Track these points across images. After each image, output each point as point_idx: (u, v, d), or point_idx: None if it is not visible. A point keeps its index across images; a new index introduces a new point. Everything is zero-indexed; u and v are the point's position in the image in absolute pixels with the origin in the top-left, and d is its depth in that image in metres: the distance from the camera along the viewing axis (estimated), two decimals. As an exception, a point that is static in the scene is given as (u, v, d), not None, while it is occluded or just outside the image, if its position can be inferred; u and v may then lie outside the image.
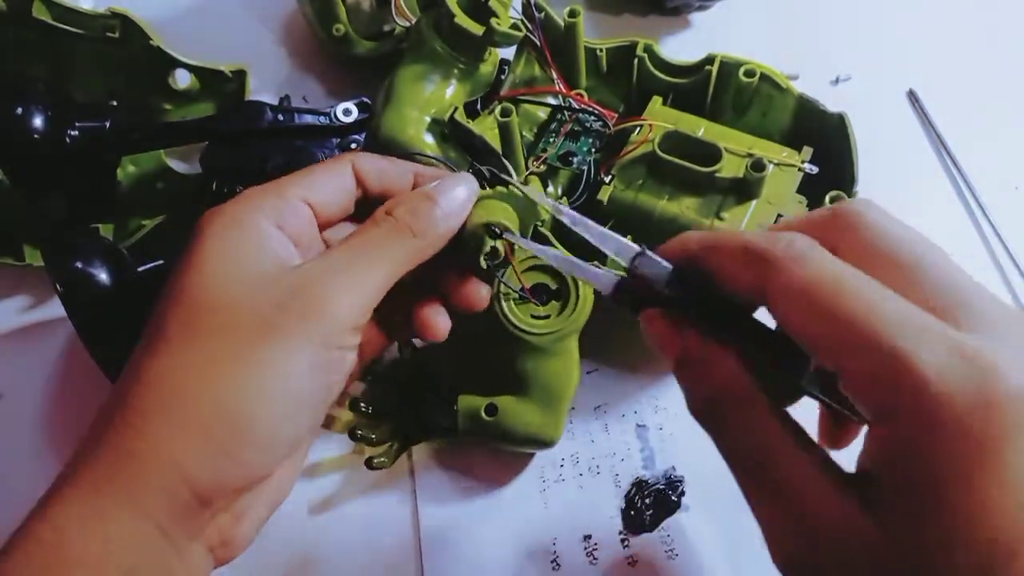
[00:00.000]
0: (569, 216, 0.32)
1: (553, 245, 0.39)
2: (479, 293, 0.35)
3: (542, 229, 0.39)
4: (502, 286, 0.39)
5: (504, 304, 0.40)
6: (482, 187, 0.38)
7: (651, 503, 0.42)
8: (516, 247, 0.35)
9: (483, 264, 0.34)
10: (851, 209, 0.26)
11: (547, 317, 0.40)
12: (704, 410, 0.26)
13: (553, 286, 0.40)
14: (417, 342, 0.44)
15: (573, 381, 0.41)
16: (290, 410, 0.28)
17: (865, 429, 0.23)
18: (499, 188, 0.35)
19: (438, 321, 0.35)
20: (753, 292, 0.25)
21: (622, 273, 0.30)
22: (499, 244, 0.34)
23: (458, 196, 0.33)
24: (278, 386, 0.27)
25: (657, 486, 0.42)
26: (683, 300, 0.27)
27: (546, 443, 0.40)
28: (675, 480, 0.42)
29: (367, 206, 0.33)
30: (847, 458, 0.25)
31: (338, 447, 0.44)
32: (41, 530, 0.25)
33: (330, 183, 0.33)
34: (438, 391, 0.42)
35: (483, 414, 0.40)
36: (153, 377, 0.27)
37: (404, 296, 0.33)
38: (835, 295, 0.22)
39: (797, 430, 0.25)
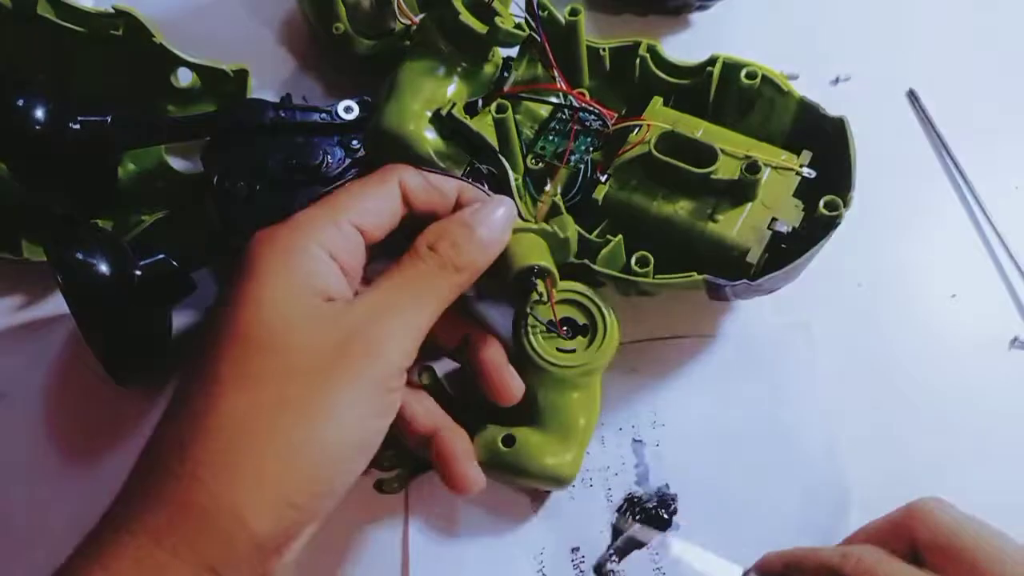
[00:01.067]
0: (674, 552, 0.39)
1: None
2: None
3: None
4: (530, 317, 0.39)
5: (531, 335, 0.39)
6: (481, 184, 0.38)
7: (642, 519, 0.42)
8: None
9: (528, 310, 0.35)
10: (925, 508, 0.33)
11: (573, 351, 0.39)
12: None
13: (581, 321, 0.40)
14: (436, 367, 0.42)
15: (593, 420, 0.40)
16: (352, 457, 0.27)
17: None
18: (541, 224, 0.36)
19: (513, 384, 0.36)
20: None
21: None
22: (541, 285, 0.35)
23: (497, 224, 0.33)
24: (341, 435, 0.27)
25: (649, 503, 0.42)
26: None
27: (561, 481, 0.39)
28: (668, 498, 0.42)
29: (412, 222, 0.34)
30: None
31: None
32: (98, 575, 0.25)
33: (379, 203, 0.33)
34: (457, 417, 0.41)
35: (500, 444, 0.39)
36: (213, 424, 0.26)
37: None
38: None
39: None
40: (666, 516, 0.42)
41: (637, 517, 0.42)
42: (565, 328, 0.40)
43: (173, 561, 0.25)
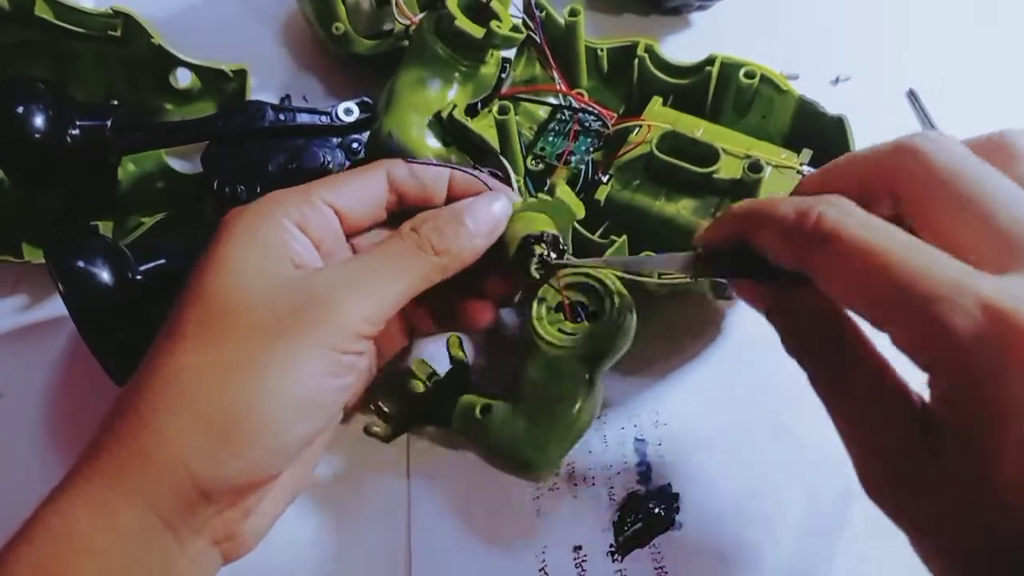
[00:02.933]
0: (620, 261, 0.36)
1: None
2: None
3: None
4: (540, 291, 0.39)
5: (534, 311, 0.38)
6: (481, 170, 0.38)
7: (644, 518, 0.41)
8: (561, 256, 0.35)
9: (535, 275, 0.35)
10: (912, 147, 0.27)
11: (572, 334, 0.38)
12: (795, 346, 0.28)
13: (592, 308, 0.39)
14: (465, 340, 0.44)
15: (583, 418, 0.37)
16: (298, 411, 0.28)
17: None
18: (530, 199, 0.36)
19: (483, 315, 0.37)
20: (799, 268, 0.26)
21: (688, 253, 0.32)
22: (539, 249, 0.34)
23: (491, 216, 0.34)
24: (286, 388, 0.28)
25: (651, 501, 0.42)
26: (746, 272, 0.30)
27: (526, 466, 0.37)
28: (670, 497, 0.42)
29: (404, 215, 0.34)
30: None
31: (336, 445, 0.44)
32: (52, 520, 0.26)
33: (360, 189, 0.33)
34: (459, 386, 0.41)
35: (477, 413, 0.38)
36: (167, 373, 0.27)
37: (436, 295, 0.34)
38: (869, 269, 0.24)
39: (875, 354, 0.27)
40: (668, 515, 0.42)
41: (639, 516, 0.42)
42: (578, 306, 0.38)
43: (122, 502, 0.26)
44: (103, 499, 0.26)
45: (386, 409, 0.42)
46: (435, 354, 0.44)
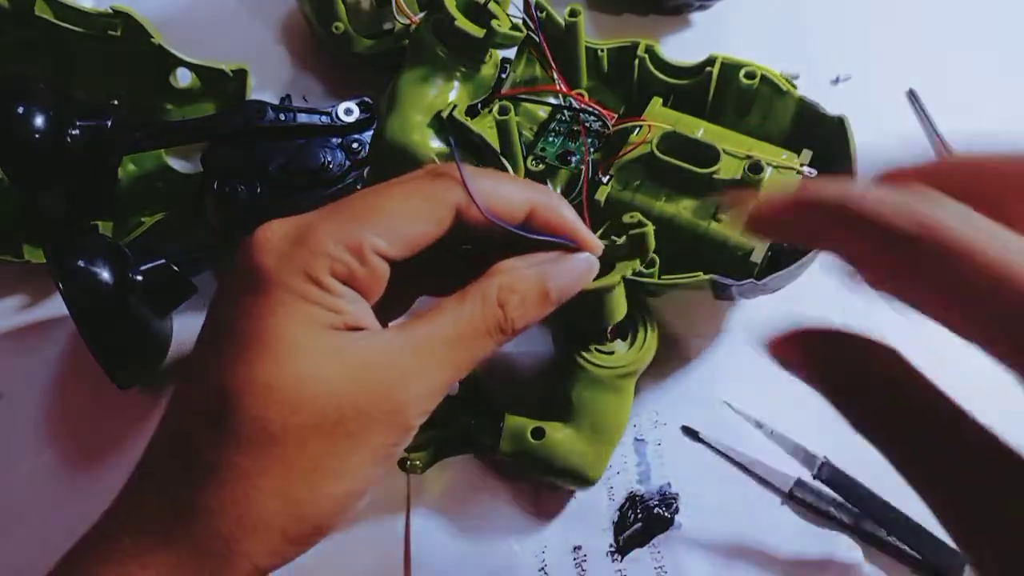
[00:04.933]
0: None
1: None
2: None
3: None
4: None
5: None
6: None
7: (644, 518, 0.42)
8: None
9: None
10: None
11: (611, 353, 0.40)
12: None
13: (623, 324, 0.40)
14: None
15: (623, 423, 0.40)
16: (353, 506, 0.27)
17: None
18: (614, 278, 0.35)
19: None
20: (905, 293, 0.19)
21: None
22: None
23: (576, 287, 0.29)
24: (346, 492, 0.26)
25: (651, 501, 0.42)
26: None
27: (586, 480, 0.39)
28: (669, 497, 0.42)
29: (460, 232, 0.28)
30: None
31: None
32: None
33: (416, 228, 0.27)
34: (487, 407, 0.41)
35: (528, 436, 0.39)
36: (227, 478, 0.25)
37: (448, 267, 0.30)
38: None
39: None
40: (668, 515, 0.42)
41: (639, 516, 0.42)
42: (611, 330, 0.40)
43: None
44: None
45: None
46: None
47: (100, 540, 0.26)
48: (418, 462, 0.41)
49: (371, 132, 0.46)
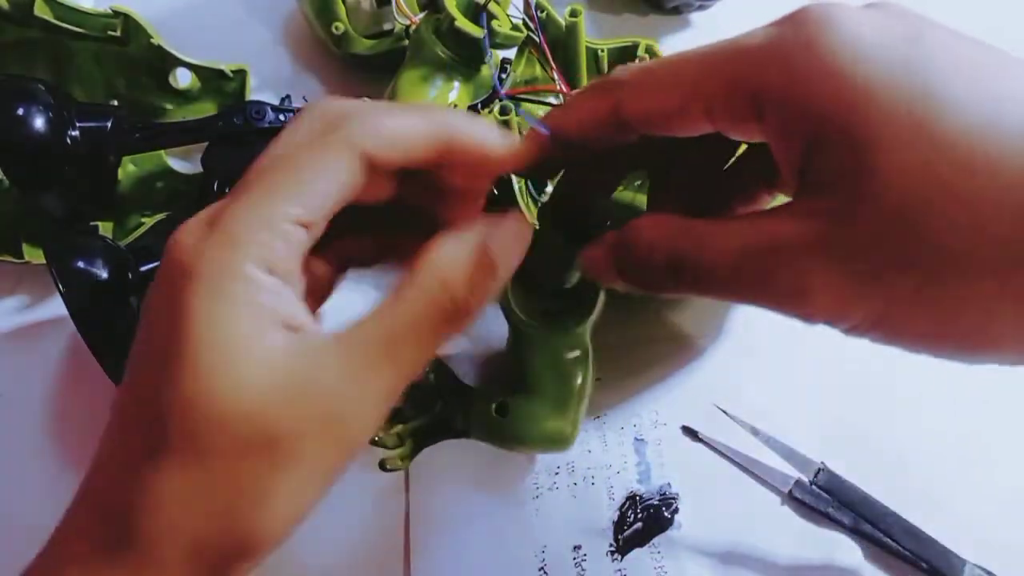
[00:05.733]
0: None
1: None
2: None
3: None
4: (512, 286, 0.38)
5: (510, 294, 0.38)
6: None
7: (644, 518, 0.42)
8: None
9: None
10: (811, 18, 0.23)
11: (559, 312, 0.38)
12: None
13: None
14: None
15: (588, 375, 0.39)
16: (300, 521, 0.25)
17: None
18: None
19: None
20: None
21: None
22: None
23: (519, 256, 0.27)
24: (291, 513, 0.24)
25: (651, 501, 0.42)
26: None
27: (560, 442, 0.39)
28: (669, 497, 0.42)
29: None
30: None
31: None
32: None
33: (325, 186, 0.24)
34: (457, 388, 0.41)
35: (493, 413, 0.38)
36: (164, 499, 0.23)
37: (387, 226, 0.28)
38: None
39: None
40: (668, 515, 0.42)
41: (639, 516, 0.42)
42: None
43: None
44: None
45: (385, 439, 0.41)
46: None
47: (46, 572, 0.25)
48: (398, 460, 0.41)
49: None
